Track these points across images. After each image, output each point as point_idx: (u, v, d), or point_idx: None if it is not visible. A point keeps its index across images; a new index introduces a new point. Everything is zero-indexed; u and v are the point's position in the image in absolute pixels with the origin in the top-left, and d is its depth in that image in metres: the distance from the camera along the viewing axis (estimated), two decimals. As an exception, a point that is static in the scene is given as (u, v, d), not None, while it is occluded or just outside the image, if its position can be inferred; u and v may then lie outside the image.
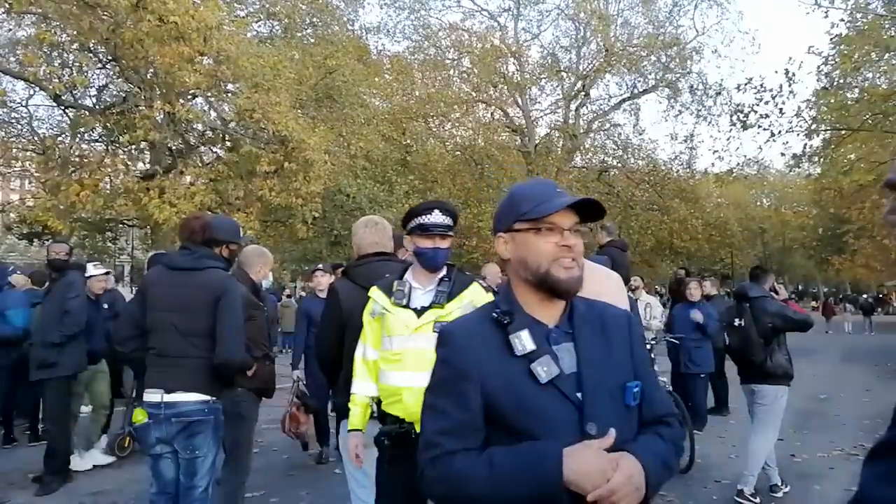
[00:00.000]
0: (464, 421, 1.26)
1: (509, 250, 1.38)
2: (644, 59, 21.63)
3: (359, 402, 2.54)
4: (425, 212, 2.44)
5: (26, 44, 11.71)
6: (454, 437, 1.26)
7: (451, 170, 20.59)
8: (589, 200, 1.35)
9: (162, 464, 3.01)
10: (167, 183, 11.29)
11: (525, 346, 1.27)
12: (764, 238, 40.71)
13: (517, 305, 1.35)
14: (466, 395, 1.26)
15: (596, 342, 1.33)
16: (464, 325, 1.40)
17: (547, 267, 1.30)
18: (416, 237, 2.44)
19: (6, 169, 15.93)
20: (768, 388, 4.59)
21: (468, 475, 1.22)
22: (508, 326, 1.31)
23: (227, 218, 4.19)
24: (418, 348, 2.34)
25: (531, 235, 1.33)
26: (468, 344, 1.31)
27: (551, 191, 1.37)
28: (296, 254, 20.03)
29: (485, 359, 1.28)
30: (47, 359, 4.90)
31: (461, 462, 1.23)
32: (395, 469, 2.34)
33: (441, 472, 1.25)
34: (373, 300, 2.51)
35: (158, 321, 2.99)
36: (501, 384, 1.25)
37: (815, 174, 18.78)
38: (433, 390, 1.34)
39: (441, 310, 2.38)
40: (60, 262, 5.18)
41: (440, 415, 1.29)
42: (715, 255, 26.33)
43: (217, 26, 10.49)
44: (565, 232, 1.32)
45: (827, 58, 14.58)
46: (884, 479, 0.65)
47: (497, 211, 1.45)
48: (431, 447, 1.27)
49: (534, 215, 1.32)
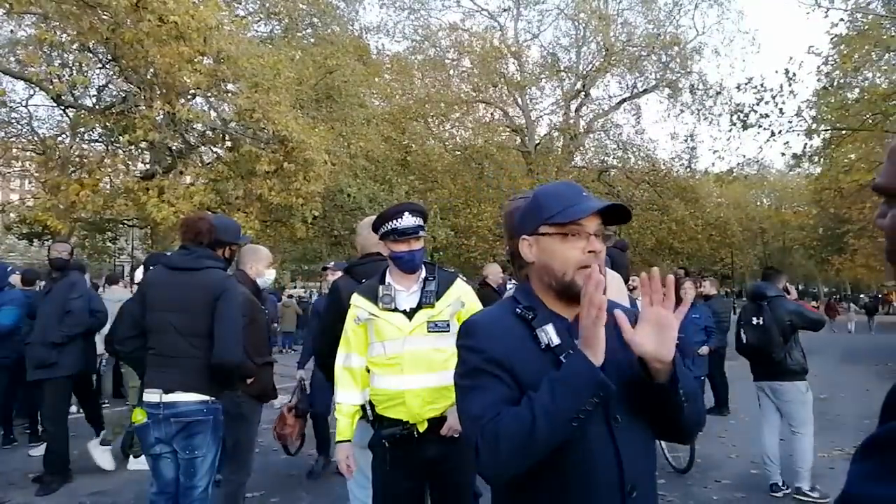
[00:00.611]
0: (507, 395, 1.26)
1: (533, 253, 1.38)
2: (644, 58, 21.63)
3: (345, 413, 2.51)
4: (395, 216, 2.44)
5: (26, 44, 11.70)
6: (498, 406, 1.24)
7: (451, 170, 20.59)
8: (616, 205, 1.34)
9: (161, 464, 3.01)
10: (167, 183, 11.29)
11: (552, 340, 1.30)
12: (764, 238, 40.71)
13: (538, 301, 1.37)
14: (502, 378, 1.27)
15: (611, 336, 1.33)
16: (490, 318, 1.40)
17: (572, 276, 1.31)
18: (389, 242, 2.44)
19: (6, 169, 15.94)
20: (789, 385, 4.72)
21: (515, 423, 1.19)
22: (533, 321, 1.33)
23: (228, 218, 4.18)
24: (415, 350, 2.34)
25: (557, 241, 1.33)
26: (497, 334, 1.32)
27: (578, 194, 1.37)
28: (296, 254, 20.03)
29: (515, 349, 1.29)
30: (47, 359, 4.89)
31: (504, 417, 1.21)
32: (395, 470, 2.33)
33: (490, 436, 1.20)
34: (355, 306, 2.49)
35: (158, 321, 2.99)
36: (533, 374, 1.26)
37: (815, 174, 18.77)
38: (468, 375, 1.32)
39: (432, 309, 2.39)
40: (62, 262, 5.17)
41: (481, 391, 1.27)
42: (715, 255, 26.31)
43: (217, 26, 10.48)
44: (591, 237, 1.32)
45: (827, 58, 14.58)
46: (870, 477, 0.65)
47: (520, 213, 1.45)
48: (477, 420, 1.24)
49: (561, 220, 1.32)
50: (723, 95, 20.59)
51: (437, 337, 2.35)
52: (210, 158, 15.11)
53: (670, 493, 4.72)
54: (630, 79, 22.17)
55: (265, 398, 3.64)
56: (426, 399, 2.31)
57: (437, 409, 2.32)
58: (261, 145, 11.87)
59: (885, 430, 0.67)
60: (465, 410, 1.31)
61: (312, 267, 21.50)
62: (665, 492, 4.70)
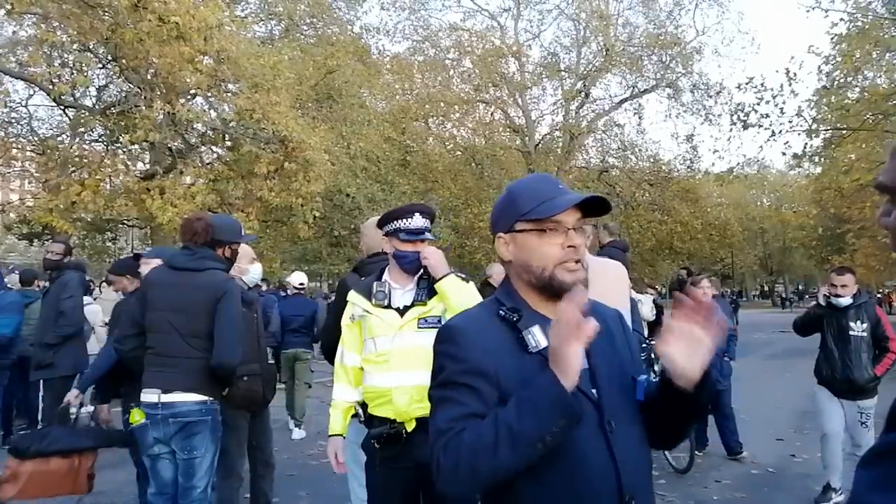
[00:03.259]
0: (478, 411, 1.19)
1: (510, 252, 1.32)
2: (645, 58, 21.63)
3: (338, 408, 2.53)
4: (406, 215, 2.43)
5: (27, 44, 11.70)
6: (468, 422, 1.18)
7: (452, 170, 20.60)
8: (594, 197, 1.29)
9: (160, 464, 3.01)
10: (167, 183, 11.29)
11: (538, 343, 1.23)
12: (764, 238, 40.74)
13: (522, 302, 1.30)
14: (480, 390, 1.20)
15: (599, 338, 1.31)
16: (472, 322, 1.31)
17: (552, 271, 1.26)
18: (395, 240, 2.43)
19: (6, 169, 15.92)
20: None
21: (477, 441, 1.12)
22: (518, 323, 1.26)
23: (228, 217, 4.15)
24: (404, 346, 2.34)
25: (534, 237, 1.27)
26: (480, 340, 1.24)
27: (553, 188, 1.31)
28: (295, 254, 20.03)
29: (499, 355, 1.23)
30: (44, 359, 4.89)
31: (468, 433, 1.15)
32: (386, 471, 2.33)
33: (452, 453, 1.14)
34: (351, 304, 2.50)
35: (157, 321, 2.99)
36: (519, 380, 1.20)
37: (816, 174, 18.77)
38: (443, 385, 1.24)
39: (424, 306, 2.38)
40: (53, 262, 5.15)
41: (453, 404, 1.20)
42: (715, 255, 26.34)
43: (217, 25, 10.47)
44: (569, 231, 1.27)
45: (828, 58, 14.57)
46: (876, 485, 0.65)
47: (494, 210, 1.39)
48: (443, 434, 1.18)
49: (537, 215, 1.26)
50: (723, 95, 20.65)
51: (427, 333, 2.31)
52: (210, 158, 15.11)
53: (670, 493, 4.71)
54: (631, 79, 22.20)
55: (251, 406, 3.56)
56: (414, 397, 2.28)
57: (425, 408, 2.30)
58: (261, 145, 11.87)
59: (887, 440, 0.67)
60: (432, 422, 1.23)
61: (313, 267, 21.50)
62: (665, 492, 4.69)
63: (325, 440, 2.66)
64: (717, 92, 20.90)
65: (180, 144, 12.54)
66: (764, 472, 4.88)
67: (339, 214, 16.03)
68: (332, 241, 17.22)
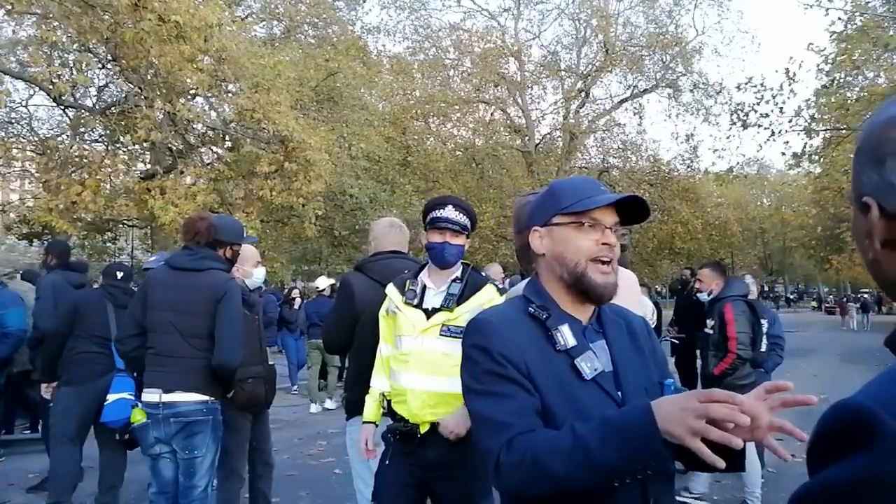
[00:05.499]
0: (531, 403, 1.19)
1: (544, 245, 1.33)
2: (645, 58, 21.63)
3: (373, 395, 2.51)
4: (439, 206, 2.40)
5: (27, 44, 11.70)
6: (526, 417, 1.17)
7: (452, 170, 20.60)
8: (636, 199, 1.30)
9: (161, 464, 3.02)
10: (168, 183, 11.29)
11: (567, 342, 1.25)
12: (764, 238, 40.75)
13: (551, 301, 1.32)
14: (522, 383, 1.21)
15: (625, 342, 1.32)
16: (502, 316, 1.32)
17: (584, 266, 1.27)
18: (428, 231, 2.40)
19: (6, 169, 15.92)
20: None
21: (551, 450, 1.10)
22: (547, 321, 1.27)
23: (230, 218, 4.14)
24: (423, 350, 2.30)
25: (571, 230, 1.29)
26: (513, 335, 1.26)
27: (595, 187, 1.34)
28: (296, 254, 20.05)
29: (531, 352, 1.24)
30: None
31: (541, 438, 1.13)
32: (395, 465, 2.33)
33: (520, 454, 1.12)
34: (388, 297, 2.47)
35: (158, 321, 2.99)
36: (550, 378, 1.21)
37: (816, 174, 18.76)
38: (484, 379, 1.23)
39: (450, 313, 2.31)
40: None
41: (503, 398, 1.19)
42: (715, 255, 26.33)
43: (218, 25, 10.47)
44: (606, 230, 1.29)
45: (827, 57, 14.57)
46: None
47: (532, 205, 1.42)
48: (504, 429, 1.16)
49: (577, 209, 1.28)
50: (723, 95, 20.65)
51: (448, 341, 2.25)
52: (210, 158, 15.12)
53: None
54: (631, 78, 22.21)
55: (254, 408, 3.56)
56: (427, 402, 2.27)
57: (438, 415, 2.26)
58: (261, 145, 11.87)
59: (805, 488, 0.64)
60: (482, 414, 1.21)
61: (313, 267, 21.53)
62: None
63: (325, 440, 2.66)
64: (717, 92, 20.91)
65: (181, 144, 12.54)
66: (764, 471, 4.88)
67: (340, 214, 16.03)
68: (332, 241, 17.21)
